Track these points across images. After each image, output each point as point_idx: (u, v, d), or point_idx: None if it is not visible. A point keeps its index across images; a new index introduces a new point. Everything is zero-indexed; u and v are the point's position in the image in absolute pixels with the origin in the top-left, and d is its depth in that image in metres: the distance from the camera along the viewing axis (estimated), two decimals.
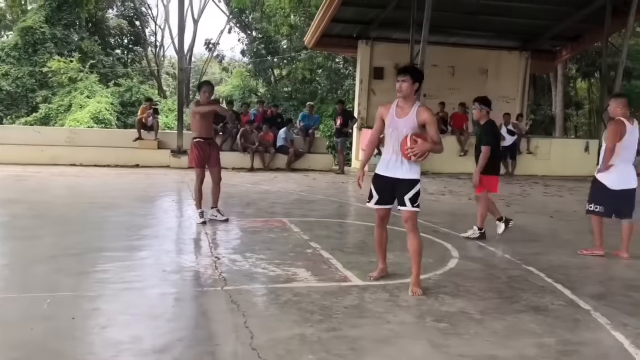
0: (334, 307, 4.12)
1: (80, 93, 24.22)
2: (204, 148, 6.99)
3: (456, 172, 14.20)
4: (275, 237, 6.48)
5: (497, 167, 6.72)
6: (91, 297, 4.18)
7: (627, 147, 5.86)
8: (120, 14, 33.21)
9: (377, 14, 16.55)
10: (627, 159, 5.90)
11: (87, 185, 10.13)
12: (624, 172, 5.89)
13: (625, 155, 5.87)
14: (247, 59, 29.38)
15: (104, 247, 5.71)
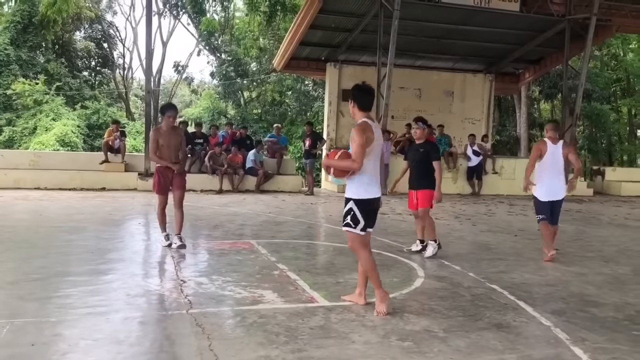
0: (299, 328, 4.13)
1: (45, 116, 23.88)
2: (165, 174, 6.82)
3: None
4: (242, 259, 6.46)
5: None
6: (52, 323, 4.10)
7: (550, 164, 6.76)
8: (88, 36, 33.00)
9: (344, 38, 16.83)
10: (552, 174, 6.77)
11: (52, 209, 9.95)
12: (550, 186, 6.79)
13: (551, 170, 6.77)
14: (216, 81, 29.40)
15: (67, 271, 5.62)
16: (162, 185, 6.85)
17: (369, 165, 4.49)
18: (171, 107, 6.98)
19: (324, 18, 15.53)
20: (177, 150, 6.89)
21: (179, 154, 6.94)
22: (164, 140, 6.72)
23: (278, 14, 25.66)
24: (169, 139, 6.73)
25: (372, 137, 4.43)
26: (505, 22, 16.18)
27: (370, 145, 4.43)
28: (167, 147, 6.75)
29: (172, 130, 6.82)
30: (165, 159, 6.79)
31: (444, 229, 9.13)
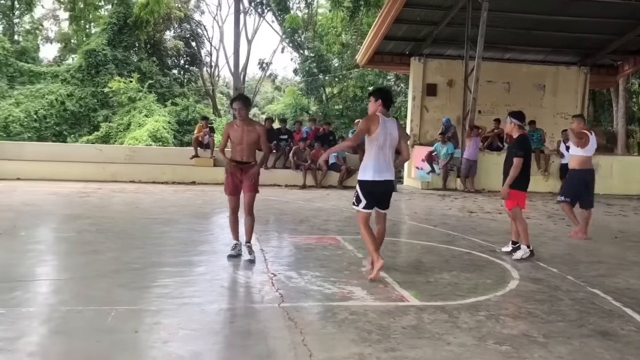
0: (391, 327, 4.06)
1: (139, 112, 25.11)
2: (234, 173, 6.03)
3: None
4: (329, 254, 6.47)
5: (525, 184, 6.61)
6: (152, 312, 4.27)
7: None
8: (177, 35, 34.34)
9: (430, 31, 16.50)
10: None
11: (146, 201, 10.42)
12: None
13: None
14: (299, 78, 29.76)
15: (163, 262, 5.85)
16: (230, 185, 6.10)
17: (371, 152, 5.39)
18: (238, 98, 6.12)
19: (409, 12, 15.29)
20: (252, 148, 5.99)
21: (254, 152, 6.06)
22: (234, 136, 5.92)
23: (361, 9, 25.59)
24: (241, 135, 5.88)
25: (374, 128, 5.32)
26: (603, 11, 15.25)
27: (374, 134, 5.32)
28: (238, 143, 5.92)
29: (247, 126, 5.90)
30: (235, 156, 6.00)
31: (537, 229, 8.74)
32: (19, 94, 25.46)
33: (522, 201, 6.65)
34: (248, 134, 5.87)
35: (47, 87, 26.17)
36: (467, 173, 14.29)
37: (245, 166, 5.99)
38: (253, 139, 5.91)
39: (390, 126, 5.42)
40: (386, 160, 5.38)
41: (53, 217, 8.49)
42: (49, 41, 37.04)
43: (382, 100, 5.49)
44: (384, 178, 5.39)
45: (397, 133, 5.46)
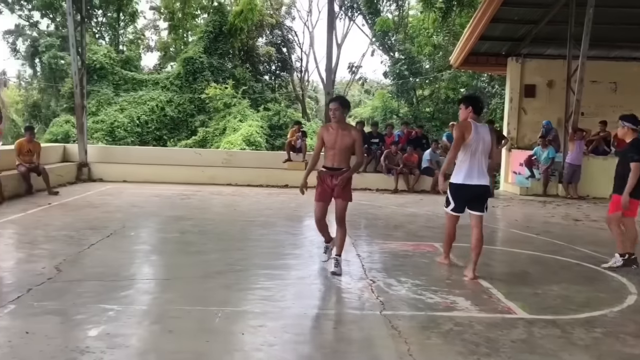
0: (500, 340, 3.90)
1: (233, 117, 25.95)
2: (324, 179, 5.65)
3: None
4: (428, 262, 6.33)
5: (638, 189, 6.02)
6: (257, 314, 4.34)
7: None
8: (269, 41, 35.17)
9: (529, 30, 15.81)
10: None
11: (243, 203, 10.70)
12: None
13: None
14: (389, 81, 29.56)
15: (264, 264, 5.96)
16: (318, 191, 5.74)
17: (465, 157, 5.50)
18: (335, 99, 5.83)
19: (506, 10, 14.72)
20: (345, 154, 5.59)
21: (347, 158, 5.65)
22: (328, 139, 5.55)
23: (454, 10, 25.04)
24: (335, 139, 5.50)
25: (468, 135, 5.45)
26: None
27: (468, 140, 5.45)
28: (331, 147, 5.54)
29: (342, 129, 5.52)
30: (326, 162, 5.65)
31: None
32: (123, 100, 27.09)
33: (631, 209, 6.12)
34: (342, 138, 5.49)
35: (148, 94, 27.66)
36: (569, 179, 13.54)
37: (337, 172, 5.59)
38: (347, 143, 5.51)
39: (482, 132, 5.55)
40: (479, 165, 5.51)
41: (158, 218, 8.91)
42: (150, 50, 39.19)
43: (473, 107, 5.62)
44: (474, 182, 5.52)
45: (489, 138, 5.56)
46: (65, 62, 27.64)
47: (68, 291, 4.71)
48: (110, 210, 9.19)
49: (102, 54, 27.35)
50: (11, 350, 3.54)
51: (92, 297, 4.56)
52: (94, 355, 3.40)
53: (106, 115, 26.03)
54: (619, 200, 6.06)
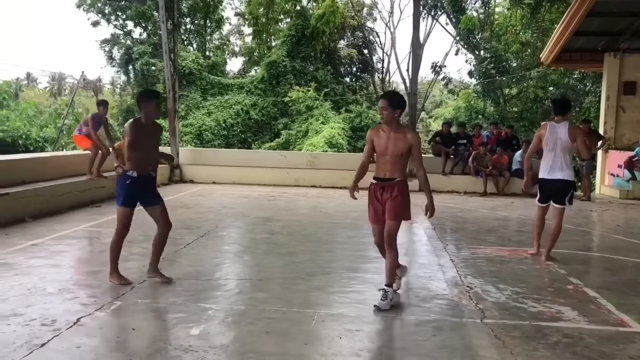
0: (616, 356, 3.63)
1: (315, 120, 26.12)
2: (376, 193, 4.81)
3: None
4: (527, 269, 6.04)
5: None
6: (352, 318, 4.29)
7: None
8: (350, 43, 35.18)
9: (629, 23, 14.83)
10: None
11: (329, 205, 10.71)
12: None
13: None
14: (475, 80, 28.73)
15: (354, 267, 5.90)
16: (371, 213, 4.85)
17: (545, 154, 6.29)
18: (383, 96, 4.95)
19: (604, 4, 13.86)
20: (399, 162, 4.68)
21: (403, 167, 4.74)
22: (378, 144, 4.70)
23: (543, 5, 23.93)
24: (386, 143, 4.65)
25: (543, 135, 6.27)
26: None
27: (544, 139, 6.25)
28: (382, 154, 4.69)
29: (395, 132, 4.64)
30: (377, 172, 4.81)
31: None
32: (210, 104, 27.96)
33: None
34: (395, 142, 4.59)
35: (233, 97, 28.40)
36: None
37: (389, 184, 4.72)
38: (401, 149, 4.60)
39: (560, 131, 6.17)
40: (556, 161, 6.17)
41: (247, 219, 9.07)
42: (235, 55, 40.28)
43: (553, 108, 6.58)
44: (552, 177, 6.23)
45: (566, 136, 6.11)
46: (156, 68, 28.90)
47: (168, 289, 4.86)
48: (203, 211, 9.46)
49: (191, 60, 28.36)
50: (119, 346, 3.68)
51: (191, 296, 4.68)
52: (196, 354, 3.47)
53: (194, 119, 26.96)
54: None
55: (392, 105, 4.61)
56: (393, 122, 4.64)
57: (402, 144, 4.62)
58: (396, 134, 4.62)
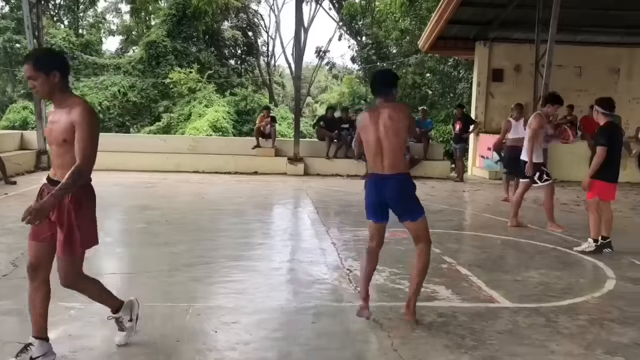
0: (486, 332, 3.76)
1: (199, 102, 25.35)
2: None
3: None
4: (404, 249, 6.15)
5: (613, 174, 6.11)
6: (230, 309, 4.12)
7: None
8: (234, 25, 34.48)
9: (497, 14, 15.76)
10: None
11: (212, 192, 10.38)
12: None
13: None
14: (357, 66, 29.35)
15: (236, 255, 5.70)
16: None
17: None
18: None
19: None
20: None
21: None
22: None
23: None
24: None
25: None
26: None
27: None
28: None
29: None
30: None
31: (622, 222, 8.15)
32: (84, 86, 26.14)
33: (606, 193, 6.12)
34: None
35: (110, 79, 26.79)
36: None
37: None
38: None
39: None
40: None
41: (121, 208, 8.54)
42: (112, 34, 37.99)
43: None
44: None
45: None
46: (21, 45, 26.50)
47: (26, 289, 4.37)
48: None
49: (61, 38, 26.35)
50: None
51: (52, 295, 4.23)
52: None
53: None
54: (598, 185, 6.02)
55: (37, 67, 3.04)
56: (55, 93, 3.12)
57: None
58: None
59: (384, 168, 3.83)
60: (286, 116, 26.58)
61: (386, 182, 3.84)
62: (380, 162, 3.84)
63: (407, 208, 3.92)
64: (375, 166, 3.88)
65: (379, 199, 3.90)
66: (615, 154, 6.10)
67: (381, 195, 3.86)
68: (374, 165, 3.89)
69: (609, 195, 6.14)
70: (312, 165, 13.86)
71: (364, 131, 3.90)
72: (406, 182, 3.90)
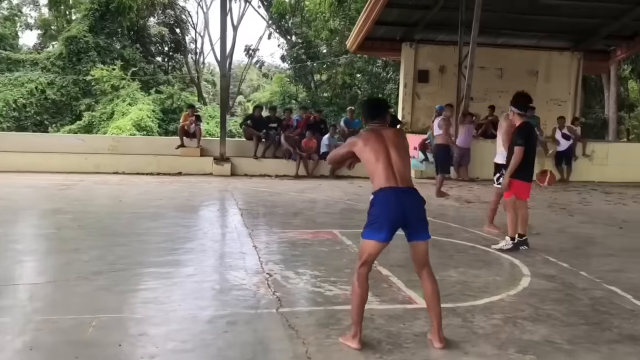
0: (402, 335, 3.71)
1: (122, 101, 24.45)
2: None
3: None
4: (327, 250, 6.09)
5: (529, 173, 6.28)
6: (138, 320, 3.88)
7: None
8: (161, 21, 33.54)
9: (422, 16, 16.08)
10: None
11: (131, 194, 9.95)
12: None
13: None
14: (287, 65, 29.22)
15: (150, 261, 5.42)
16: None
17: None
18: None
19: None
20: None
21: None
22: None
23: None
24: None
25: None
26: None
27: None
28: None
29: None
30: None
31: (539, 219, 8.43)
32: None
33: (522, 192, 6.28)
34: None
35: (26, 75, 25.38)
36: (459, 161, 13.94)
37: None
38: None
39: None
40: None
41: (31, 212, 8.02)
42: (29, 28, 35.98)
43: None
44: None
45: None
46: None
47: None
48: None
49: None
50: None
51: None
52: None
53: None
54: (515, 185, 6.16)
55: None
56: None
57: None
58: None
59: (400, 181, 3.53)
60: (215, 115, 26.08)
61: (406, 195, 3.55)
62: (392, 177, 3.51)
63: (425, 224, 3.66)
64: (388, 181, 3.50)
65: (400, 213, 3.50)
66: (530, 154, 6.26)
67: (402, 208, 3.51)
68: (387, 181, 3.50)
69: (525, 194, 6.30)
70: (239, 165, 13.60)
71: (366, 144, 3.59)
72: (422, 198, 3.67)
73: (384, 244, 3.54)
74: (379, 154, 3.54)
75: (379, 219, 3.49)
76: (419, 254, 3.66)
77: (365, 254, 3.57)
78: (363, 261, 3.58)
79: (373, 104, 3.97)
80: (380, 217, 3.49)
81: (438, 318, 3.56)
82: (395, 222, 3.50)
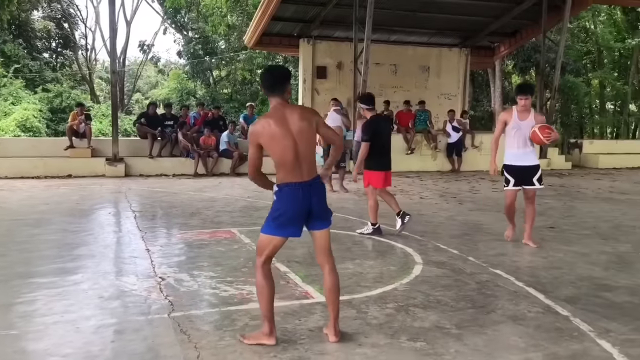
0: (297, 331, 3.70)
1: (4, 100, 22.69)
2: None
3: (404, 170, 13.99)
4: (224, 250, 5.97)
5: (381, 162, 6.74)
6: (15, 336, 3.58)
7: None
8: (46, 15, 31.51)
9: (318, 12, 16.21)
10: None
11: (13, 199, 9.25)
12: None
13: None
14: (184, 61, 28.46)
15: (30, 272, 5.05)
16: None
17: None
18: None
19: None
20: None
21: None
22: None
23: None
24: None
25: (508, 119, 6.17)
26: None
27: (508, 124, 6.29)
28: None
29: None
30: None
31: (431, 209, 8.79)
32: None
33: (376, 180, 6.72)
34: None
35: None
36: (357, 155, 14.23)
37: None
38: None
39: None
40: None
41: None
42: None
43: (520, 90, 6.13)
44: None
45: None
46: None
47: None
48: None
49: None
50: None
51: None
52: None
53: None
54: (367, 175, 6.75)
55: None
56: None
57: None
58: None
59: (307, 174, 3.41)
60: (107, 113, 24.88)
61: (312, 188, 3.44)
62: (299, 169, 3.37)
63: (327, 213, 3.57)
64: (294, 175, 3.37)
65: (306, 207, 3.42)
66: (379, 145, 6.66)
67: (308, 202, 3.42)
68: (293, 174, 3.37)
69: (379, 183, 6.75)
70: (134, 165, 13.07)
71: (272, 139, 3.32)
72: (324, 186, 3.59)
73: (284, 238, 3.51)
74: (285, 146, 3.33)
75: (284, 215, 3.42)
76: (321, 242, 3.62)
77: (268, 249, 3.50)
78: (266, 256, 3.51)
79: (272, 73, 3.53)
80: (286, 214, 3.42)
81: (335, 312, 3.57)
82: (302, 217, 3.46)
